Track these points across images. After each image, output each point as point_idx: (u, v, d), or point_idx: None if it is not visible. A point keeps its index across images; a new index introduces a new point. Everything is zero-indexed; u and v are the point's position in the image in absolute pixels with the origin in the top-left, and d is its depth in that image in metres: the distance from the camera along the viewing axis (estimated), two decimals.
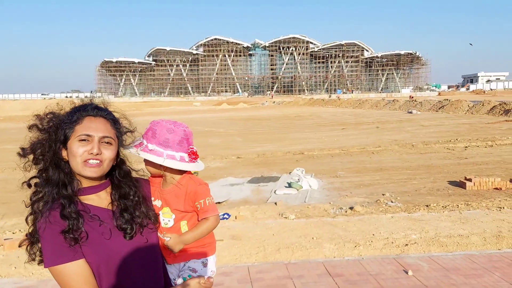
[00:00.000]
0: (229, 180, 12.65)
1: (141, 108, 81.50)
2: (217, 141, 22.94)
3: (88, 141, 1.47)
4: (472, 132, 23.00)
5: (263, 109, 67.58)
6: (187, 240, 1.66)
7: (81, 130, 1.47)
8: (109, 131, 1.52)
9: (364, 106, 59.21)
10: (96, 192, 1.53)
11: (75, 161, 1.46)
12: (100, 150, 1.48)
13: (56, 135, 1.48)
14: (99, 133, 1.49)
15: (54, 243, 1.37)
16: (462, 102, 42.41)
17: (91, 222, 1.44)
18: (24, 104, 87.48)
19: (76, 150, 1.46)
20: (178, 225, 1.68)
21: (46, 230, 1.38)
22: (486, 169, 12.85)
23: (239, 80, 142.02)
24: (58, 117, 1.53)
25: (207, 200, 1.70)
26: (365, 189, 10.89)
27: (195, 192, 1.70)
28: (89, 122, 1.49)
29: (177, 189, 1.70)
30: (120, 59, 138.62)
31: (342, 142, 21.15)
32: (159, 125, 1.67)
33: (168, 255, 1.69)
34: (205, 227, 1.69)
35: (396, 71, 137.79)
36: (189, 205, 1.69)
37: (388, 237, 5.72)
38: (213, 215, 1.71)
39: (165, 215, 1.68)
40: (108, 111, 1.58)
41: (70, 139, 1.47)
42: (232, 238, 5.89)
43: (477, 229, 5.90)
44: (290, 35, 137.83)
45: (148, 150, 1.63)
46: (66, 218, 1.39)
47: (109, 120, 1.54)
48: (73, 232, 1.38)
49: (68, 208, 1.41)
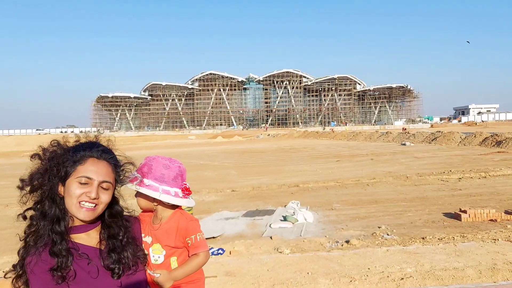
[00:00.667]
0: (223, 214, 12.56)
1: (136, 142, 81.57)
2: (212, 174, 22.89)
3: (87, 184, 1.47)
4: (465, 164, 23.17)
5: (258, 142, 67.86)
6: (177, 276, 1.67)
7: (83, 172, 1.47)
8: (110, 176, 1.53)
9: (358, 138, 59.68)
10: (87, 231, 1.53)
11: (71, 201, 1.46)
12: (98, 194, 1.48)
13: (56, 169, 1.48)
14: (100, 177, 1.49)
15: (42, 280, 1.37)
16: (454, 134, 42.92)
17: (79, 261, 1.44)
18: (19, 140, 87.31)
19: (74, 190, 1.46)
20: (168, 261, 1.70)
21: (35, 266, 1.37)
22: (481, 200, 12.89)
23: (234, 113, 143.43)
24: (62, 149, 1.53)
25: (198, 236, 1.74)
26: (360, 221, 10.85)
27: (186, 228, 1.73)
28: (92, 165, 1.49)
29: (168, 225, 1.73)
30: (116, 94, 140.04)
31: (337, 174, 21.19)
32: (155, 161, 1.71)
33: None
34: (196, 263, 1.71)
35: (389, 104, 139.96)
36: (179, 241, 1.71)
37: (383, 271, 5.67)
38: (204, 251, 1.74)
39: (155, 251, 1.70)
40: (112, 154, 1.58)
41: (69, 177, 1.47)
42: (226, 274, 5.81)
43: (472, 261, 5.88)
44: (283, 70, 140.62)
45: (144, 185, 1.67)
46: (56, 256, 1.39)
47: (111, 165, 1.55)
48: (61, 270, 1.37)
49: (59, 245, 1.41)
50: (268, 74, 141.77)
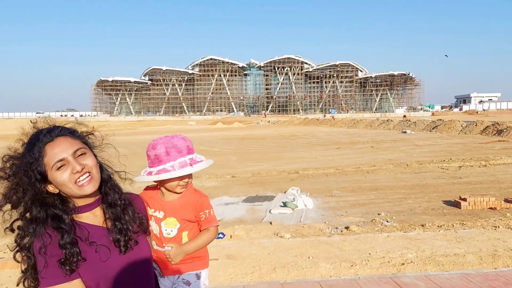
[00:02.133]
0: (224, 199, 12.58)
1: (136, 127, 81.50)
2: (213, 160, 22.83)
3: (65, 164, 1.43)
4: (465, 152, 23.17)
5: (258, 129, 67.80)
6: (188, 249, 1.69)
7: (52, 160, 1.43)
8: (75, 143, 1.49)
9: (359, 126, 59.60)
10: (91, 209, 1.52)
11: (68, 187, 1.44)
12: (81, 163, 1.45)
13: (28, 177, 1.43)
14: (68, 151, 1.45)
15: (50, 265, 1.37)
16: (455, 122, 42.85)
17: (87, 243, 1.45)
18: (19, 123, 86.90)
19: (61, 179, 1.43)
20: (180, 235, 1.72)
21: (46, 262, 1.37)
22: (481, 188, 12.90)
23: (234, 99, 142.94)
24: (18, 158, 1.47)
25: (211, 211, 1.80)
26: (360, 208, 10.87)
27: (201, 203, 1.78)
28: (52, 148, 1.44)
29: (184, 200, 1.74)
30: (116, 78, 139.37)
31: (337, 161, 21.20)
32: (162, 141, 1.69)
33: (165, 267, 1.69)
34: (207, 237, 1.75)
35: (390, 91, 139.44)
36: (194, 215, 1.73)
37: (384, 256, 5.69)
38: (215, 225, 1.79)
39: (168, 225, 1.71)
40: (59, 127, 1.52)
41: (47, 173, 1.43)
42: (227, 257, 5.83)
43: (473, 248, 5.90)
44: (285, 56, 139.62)
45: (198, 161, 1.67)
46: (63, 248, 1.39)
47: (66, 135, 1.50)
48: (70, 263, 1.37)
49: (63, 240, 1.40)
50: (269, 60, 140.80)
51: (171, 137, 1.73)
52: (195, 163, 1.67)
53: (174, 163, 1.66)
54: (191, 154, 1.68)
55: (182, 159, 1.66)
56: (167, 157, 1.67)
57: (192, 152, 1.70)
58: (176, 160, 1.66)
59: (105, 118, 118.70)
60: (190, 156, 1.67)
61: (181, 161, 1.66)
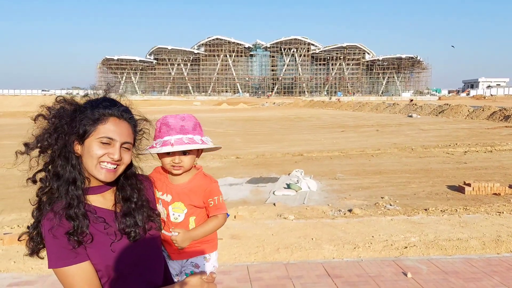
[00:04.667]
0: (228, 180, 12.64)
1: (141, 106, 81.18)
2: (217, 141, 22.60)
3: (109, 144, 1.41)
4: (471, 137, 23.04)
5: (263, 110, 67.59)
6: (195, 236, 1.67)
7: (105, 132, 1.40)
8: (131, 136, 1.47)
9: (364, 109, 59.26)
10: (102, 192, 1.48)
11: (91, 162, 1.40)
12: (121, 155, 1.43)
13: (70, 125, 1.39)
14: (122, 138, 1.43)
15: (58, 245, 1.34)
16: (462, 107, 42.48)
17: (96, 224, 1.41)
18: (24, 100, 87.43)
19: (95, 151, 1.39)
20: (187, 221, 1.69)
21: (51, 230, 1.33)
22: (485, 174, 12.87)
23: (240, 80, 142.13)
24: (72, 104, 1.45)
25: (220, 198, 1.74)
26: (364, 191, 10.90)
27: (211, 189, 1.72)
28: (114, 125, 1.42)
29: (193, 184, 1.71)
30: (121, 57, 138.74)
31: (342, 144, 21.16)
32: (170, 118, 1.67)
33: (173, 251, 1.69)
34: (215, 224, 1.71)
35: (397, 75, 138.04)
36: (202, 201, 1.70)
37: (387, 239, 5.72)
38: (224, 213, 1.74)
39: (176, 209, 1.68)
40: (131, 114, 1.51)
41: (89, 137, 1.40)
42: (232, 237, 5.89)
43: (477, 233, 5.91)
44: (291, 37, 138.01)
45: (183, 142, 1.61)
46: (72, 219, 1.34)
47: (131, 125, 1.49)
48: (77, 235, 1.34)
49: (76, 209, 1.36)
50: (276, 41, 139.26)
51: (172, 115, 1.69)
52: (179, 143, 1.60)
53: (159, 141, 1.64)
54: (182, 134, 1.62)
55: (168, 138, 1.62)
56: (158, 133, 1.66)
57: (187, 132, 1.63)
58: (163, 137, 1.64)
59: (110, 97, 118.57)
60: (179, 136, 1.61)
61: (166, 139, 1.62)
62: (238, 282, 4.33)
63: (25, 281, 4.44)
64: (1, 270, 4.94)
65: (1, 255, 5.49)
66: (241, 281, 4.34)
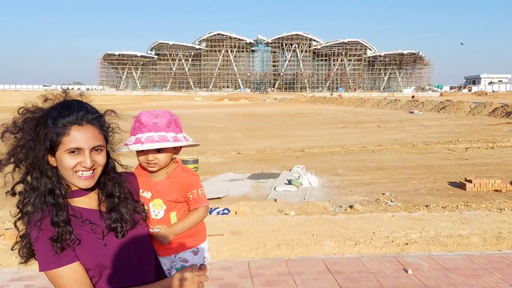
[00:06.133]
0: (229, 176, 12.64)
1: (142, 102, 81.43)
2: (218, 137, 22.90)
3: (78, 153, 1.38)
4: (473, 133, 22.99)
5: (264, 106, 67.51)
6: (177, 230, 1.66)
7: (70, 143, 1.37)
8: (99, 138, 1.43)
9: (366, 105, 59.15)
10: (86, 194, 1.48)
11: (67, 172, 1.39)
12: (93, 160, 1.40)
13: (36, 141, 1.37)
14: (90, 144, 1.40)
15: (46, 248, 1.35)
16: (463, 103, 42.37)
17: (83, 226, 1.41)
18: (25, 95, 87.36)
19: (67, 163, 1.38)
20: (168, 216, 1.68)
21: (38, 236, 1.35)
22: (487, 170, 12.85)
23: (241, 76, 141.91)
24: (34, 114, 1.41)
25: (200, 191, 1.71)
26: (365, 187, 10.89)
27: (189, 182, 1.70)
28: (77, 133, 1.38)
29: (170, 180, 1.69)
30: (122, 52, 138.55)
31: (343, 140, 21.14)
32: (143, 114, 1.64)
33: (159, 248, 1.68)
34: (196, 217, 1.70)
35: (399, 71, 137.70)
36: (181, 195, 1.69)
37: (388, 235, 5.72)
38: (204, 205, 1.72)
39: (156, 206, 1.68)
40: (94, 114, 1.45)
41: (58, 150, 1.38)
42: (232, 233, 5.90)
43: (478, 229, 5.91)
44: (293, 32, 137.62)
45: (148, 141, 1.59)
46: (57, 226, 1.35)
47: (96, 126, 1.44)
48: (61, 241, 1.34)
49: (56, 217, 1.36)
50: (277, 36, 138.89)
51: (147, 112, 1.65)
52: (150, 142, 1.57)
53: (131, 138, 1.62)
54: (153, 132, 1.60)
55: (140, 135, 1.59)
56: (132, 130, 1.64)
57: (159, 130, 1.59)
58: (136, 135, 1.62)
59: (112, 92, 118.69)
60: (150, 134, 1.59)
61: (138, 137, 1.59)
62: (239, 278, 4.33)
63: (26, 276, 4.45)
64: (2, 265, 4.96)
65: (2, 250, 5.50)
66: (242, 277, 4.34)
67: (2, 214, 8.82)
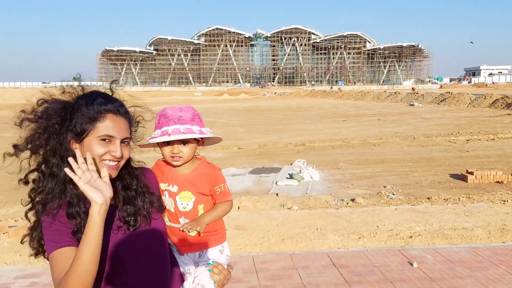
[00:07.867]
0: (230, 171, 12.64)
1: (142, 98, 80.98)
2: (219, 132, 22.64)
3: (110, 141, 1.40)
4: (473, 125, 22.96)
5: (264, 100, 67.38)
6: (208, 220, 1.69)
7: (104, 130, 1.38)
8: (128, 131, 1.47)
9: (366, 98, 59.05)
10: None
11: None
12: (122, 152, 1.42)
13: (62, 124, 1.37)
14: (122, 134, 1.42)
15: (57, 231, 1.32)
16: (464, 95, 42.27)
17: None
18: (25, 92, 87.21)
19: (97, 150, 1.37)
20: (196, 209, 1.70)
21: (51, 224, 1.32)
22: (488, 162, 12.84)
23: (241, 70, 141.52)
24: (58, 102, 1.41)
25: (226, 185, 1.76)
26: (366, 181, 10.89)
27: (216, 176, 1.73)
28: (112, 122, 1.40)
29: (198, 172, 1.72)
30: (121, 48, 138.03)
31: (344, 134, 21.12)
32: (168, 109, 1.68)
33: (182, 244, 1.68)
34: (223, 209, 1.73)
35: (398, 63, 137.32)
36: (208, 188, 1.71)
37: (392, 229, 5.72)
38: (231, 199, 1.76)
39: (184, 198, 1.69)
40: (125, 107, 1.50)
41: (89, 136, 1.38)
42: (236, 228, 5.90)
43: (482, 222, 5.91)
44: (292, 26, 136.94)
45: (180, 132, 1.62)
46: (73, 217, 1.33)
47: (127, 119, 1.48)
48: (81, 233, 1.31)
49: (76, 207, 1.34)
50: (276, 30, 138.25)
51: (170, 107, 1.70)
52: (177, 133, 1.60)
53: (157, 131, 1.64)
54: (180, 125, 1.62)
55: (166, 128, 1.62)
56: (157, 124, 1.68)
57: (185, 123, 1.63)
58: (162, 128, 1.64)
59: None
60: (177, 126, 1.62)
61: (164, 129, 1.63)
62: (244, 272, 4.34)
63: (31, 273, 4.46)
64: (7, 262, 4.96)
65: (7, 248, 5.51)
66: (247, 272, 4.35)
67: (5, 212, 8.84)
